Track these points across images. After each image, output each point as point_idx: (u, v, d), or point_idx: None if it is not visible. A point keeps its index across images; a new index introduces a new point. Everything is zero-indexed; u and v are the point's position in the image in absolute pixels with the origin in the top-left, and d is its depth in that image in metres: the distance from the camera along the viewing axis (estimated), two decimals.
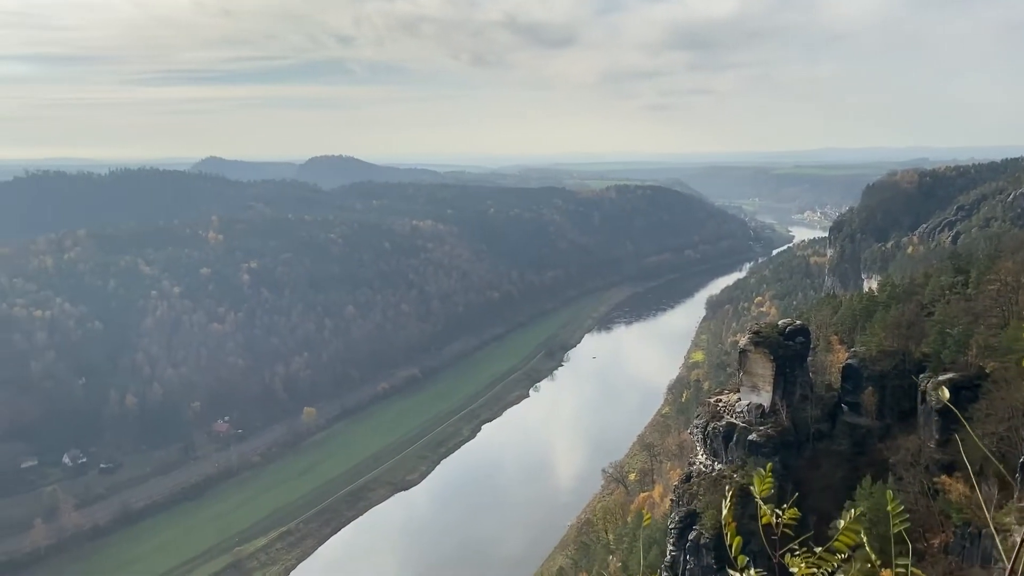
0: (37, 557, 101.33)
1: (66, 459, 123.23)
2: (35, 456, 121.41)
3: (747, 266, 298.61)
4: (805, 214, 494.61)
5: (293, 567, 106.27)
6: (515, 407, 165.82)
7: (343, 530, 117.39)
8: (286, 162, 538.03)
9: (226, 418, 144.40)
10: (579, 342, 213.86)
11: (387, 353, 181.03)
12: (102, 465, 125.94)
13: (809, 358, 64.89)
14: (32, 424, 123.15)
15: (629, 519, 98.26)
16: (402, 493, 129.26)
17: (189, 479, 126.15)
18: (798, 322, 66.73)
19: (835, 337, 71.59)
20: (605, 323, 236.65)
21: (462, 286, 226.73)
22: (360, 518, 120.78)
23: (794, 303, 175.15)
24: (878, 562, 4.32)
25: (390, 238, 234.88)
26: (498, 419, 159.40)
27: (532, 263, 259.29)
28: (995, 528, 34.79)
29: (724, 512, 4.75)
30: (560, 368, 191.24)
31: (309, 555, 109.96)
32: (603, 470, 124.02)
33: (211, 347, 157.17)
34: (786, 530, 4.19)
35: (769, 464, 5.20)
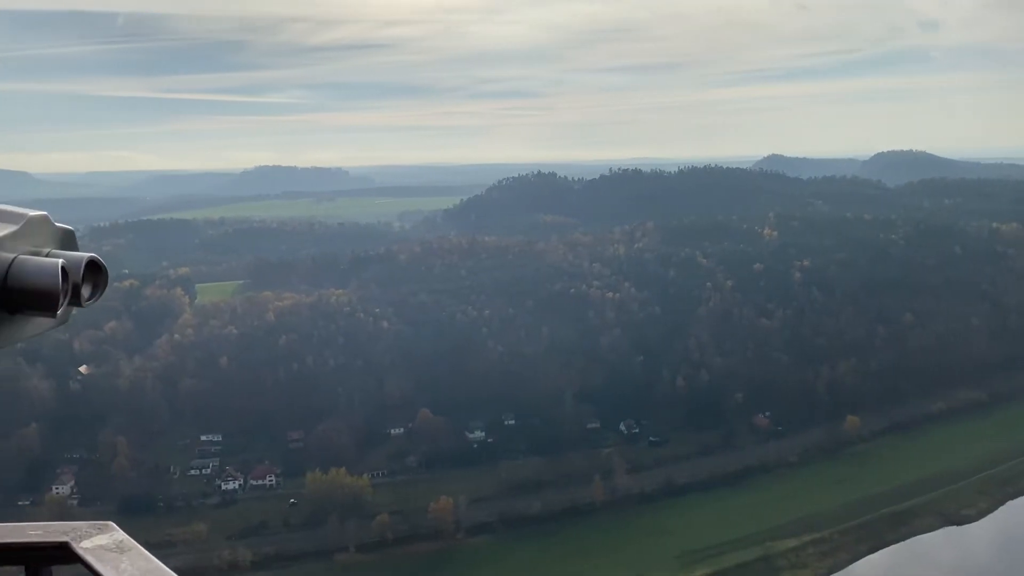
0: (594, 508, 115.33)
1: (622, 427, 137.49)
2: (598, 420, 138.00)
3: None
4: None
5: None
6: None
7: (880, 552, 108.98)
8: (849, 158, 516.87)
9: (766, 413, 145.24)
10: None
11: (948, 370, 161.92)
12: (651, 438, 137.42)
13: None
14: (597, 391, 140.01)
15: None
16: (954, 528, 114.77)
17: (727, 466, 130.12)
18: None
19: None
20: None
21: None
22: (901, 543, 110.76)
23: None
24: None
25: (961, 241, 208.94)
26: None
27: None
28: None
29: None
30: None
31: (841, 568, 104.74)
32: None
33: (757, 341, 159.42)
34: None
35: None
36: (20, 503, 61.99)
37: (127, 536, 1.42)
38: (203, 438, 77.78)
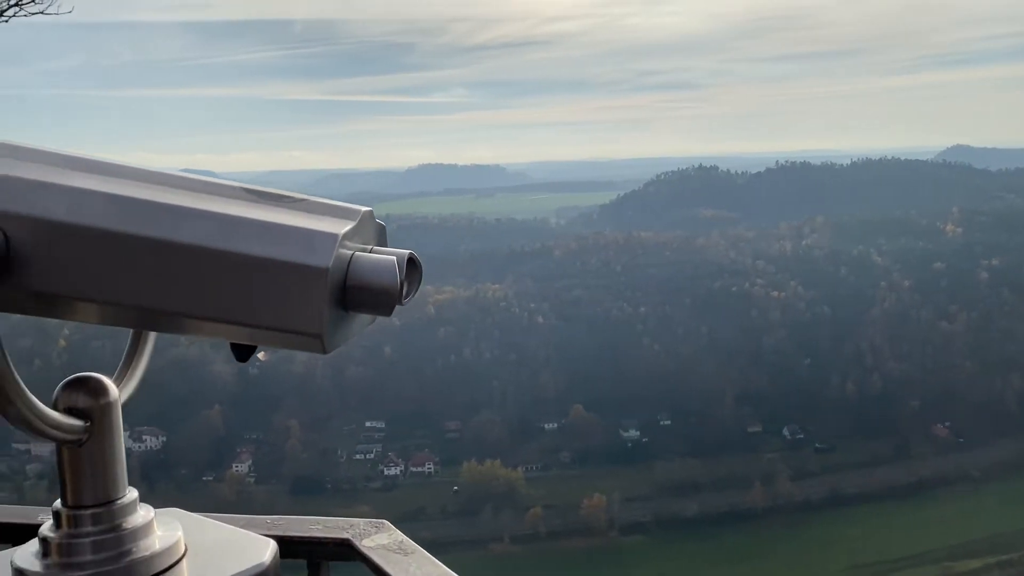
0: (754, 514, 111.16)
1: (785, 432, 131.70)
2: (759, 423, 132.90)
3: None
4: None
5: None
6: None
7: None
8: None
9: (946, 423, 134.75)
10: None
11: None
12: (817, 445, 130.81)
13: None
14: (759, 394, 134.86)
15: None
16: None
17: (901, 478, 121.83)
18: None
19: None
20: None
21: None
22: None
23: None
24: None
25: None
26: None
27: None
28: None
29: None
30: None
31: None
32: None
33: (936, 346, 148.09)
34: None
35: None
36: (204, 479, 66.76)
37: (407, 537, 1.43)
38: (367, 424, 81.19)
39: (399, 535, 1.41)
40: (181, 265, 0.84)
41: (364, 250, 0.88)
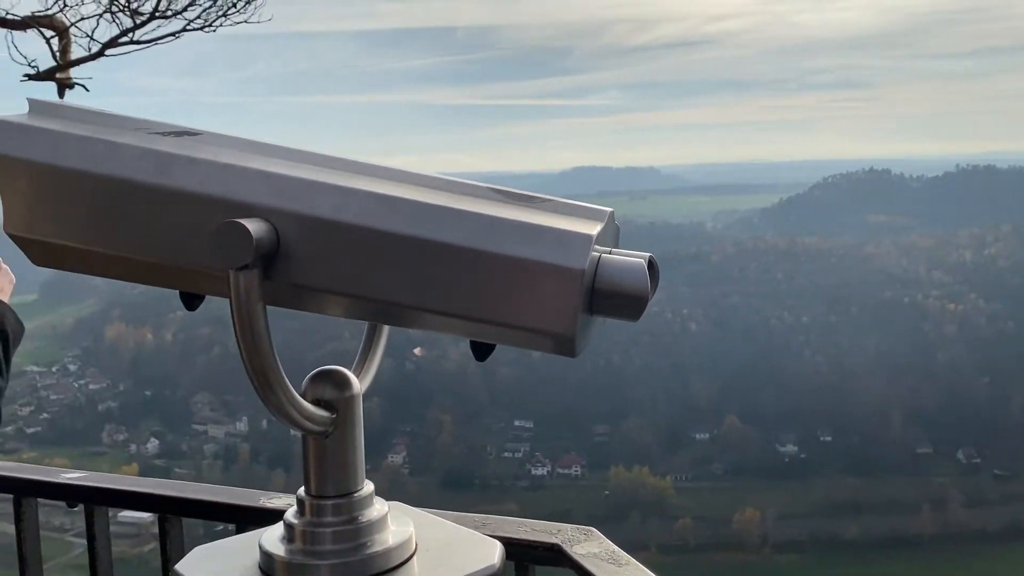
0: (921, 541, 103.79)
1: (960, 455, 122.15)
2: (930, 444, 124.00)
3: None
4: None
5: None
6: None
7: None
8: None
9: None
10: None
11: None
12: (996, 471, 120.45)
13: None
14: (931, 413, 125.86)
15: None
16: None
17: None
18: None
19: None
20: None
21: None
22: None
23: None
24: None
25: None
26: None
27: None
28: None
29: None
30: None
31: None
32: None
33: None
34: None
35: None
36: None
37: (617, 547, 1.38)
38: (516, 423, 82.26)
39: (610, 544, 1.38)
40: (438, 263, 0.86)
41: (607, 252, 0.88)
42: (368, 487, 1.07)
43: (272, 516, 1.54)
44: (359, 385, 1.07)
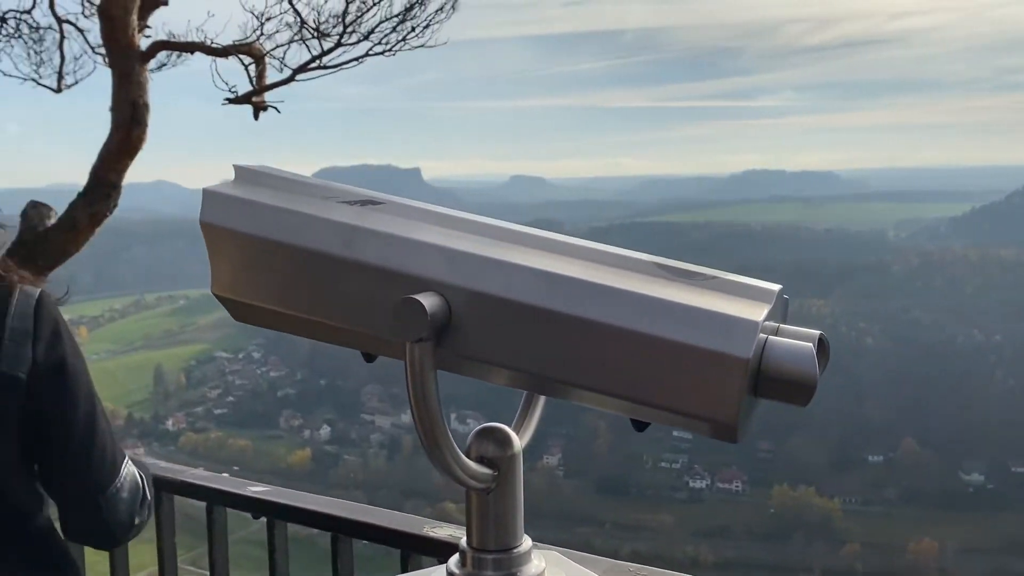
0: None
1: None
2: None
3: None
4: None
5: None
6: None
7: None
8: None
9: None
10: None
11: None
12: None
13: None
14: None
15: None
16: None
17: None
18: None
19: None
20: None
21: None
22: None
23: None
24: None
25: None
26: None
27: None
28: None
29: None
30: None
31: None
32: None
33: None
34: None
35: None
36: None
37: None
38: (675, 433, 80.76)
39: None
40: (599, 343, 0.88)
41: (773, 331, 0.86)
42: (526, 543, 1.10)
43: (434, 545, 1.62)
44: (519, 444, 1.10)
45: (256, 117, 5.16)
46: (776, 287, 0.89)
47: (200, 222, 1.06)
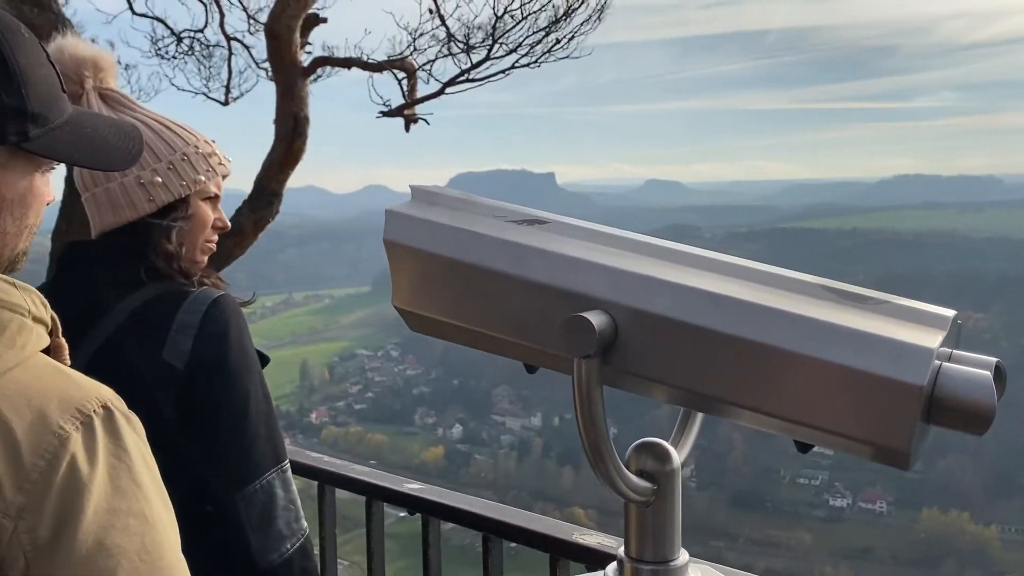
0: None
1: None
2: None
3: None
4: None
5: None
6: None
7: None
8: None
9: None
10: None
11: None
12: None
13: None
14: None
15: None
16: None
17: None
18: None
19: None
20: None
21: None
22: None
23: None
24: None
25: None
26: None
27: None
28: None
29: None
30: None
31: None
32: None
33: None
34: None
35: None
36: None
37: None
38: (815, 449, 77.34)
39: None
40: (764, 365, 0.89)
41: (947, 357, 0.84)
42: (683, 556, 1.12)
43: (583, 552, 1.62)
44: (678, 459, 1.12)
45: (407, 129, 5.39)
46: (951, 313, 0.86)
47: (384, 240, 1.13)
